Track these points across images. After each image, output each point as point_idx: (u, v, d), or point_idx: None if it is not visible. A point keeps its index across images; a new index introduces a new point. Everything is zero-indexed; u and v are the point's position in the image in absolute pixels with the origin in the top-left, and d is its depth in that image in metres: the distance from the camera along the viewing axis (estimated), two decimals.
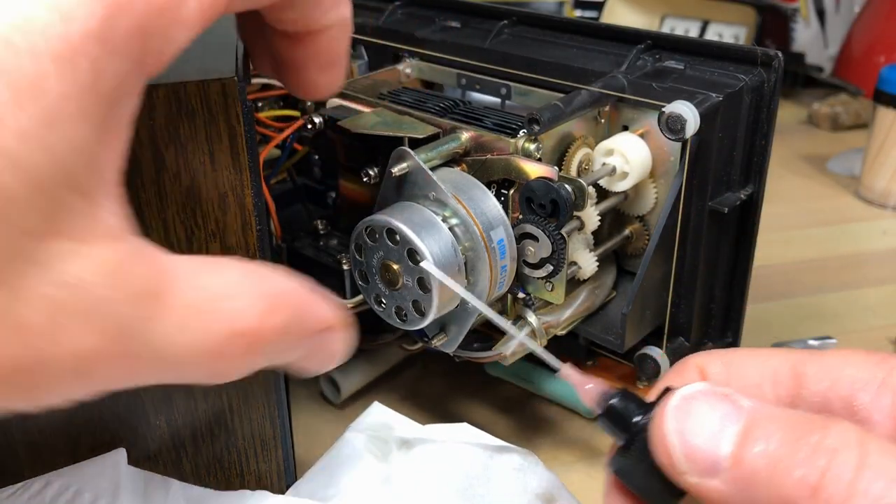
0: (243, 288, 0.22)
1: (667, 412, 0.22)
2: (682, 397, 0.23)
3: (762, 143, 0.37)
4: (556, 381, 0.40)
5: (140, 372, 0.20)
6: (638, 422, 0.24)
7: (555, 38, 0.42)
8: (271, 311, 0.22)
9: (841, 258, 0.64)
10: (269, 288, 0.23)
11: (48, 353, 0.18)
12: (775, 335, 0.52)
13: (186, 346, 0.20)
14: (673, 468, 0.22)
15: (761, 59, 0.36)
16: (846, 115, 0.89)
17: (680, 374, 0.26)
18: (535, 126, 0.33)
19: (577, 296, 0.37)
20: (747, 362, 0.25)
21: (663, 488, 0.23)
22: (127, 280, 0.19)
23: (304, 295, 0.24)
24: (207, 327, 0.21)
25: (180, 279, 0.20)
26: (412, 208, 0.32)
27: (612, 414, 0.25)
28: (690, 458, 0.22)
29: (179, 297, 0.20)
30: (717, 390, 0.23)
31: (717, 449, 0.21)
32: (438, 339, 0.34)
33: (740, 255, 0.39)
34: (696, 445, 0.22)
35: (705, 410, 0.22)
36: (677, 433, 0.22)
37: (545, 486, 0.34)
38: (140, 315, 0.19)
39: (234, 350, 0.21)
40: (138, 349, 0.20)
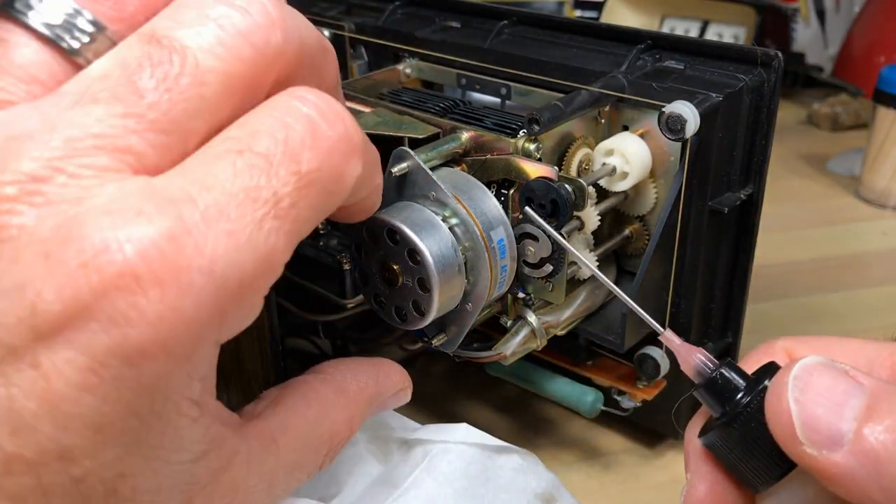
0: (323, 414, 0.26)
1: (788, 381, 0.22)
2: (802, 367, 0.22)
3: (762, 143, 0.37)
4: (557, 381, 0.40)
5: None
6: (743, 395, 0.23)
7: (555, 39, 0.42)
8: (351, 421, 0.27)
9: (841, 258, 0.64)
10: (347, 394, 0.28)
11: None
12: (775, 335, 0.52)
13: (298, 479, 0.26)
14: (791, 439, 0.21)
15: (761, 59, 0.36)
16: (846, 116, 0.89)
17: (767, 355, 0.26)
18: (535, 126, 0.33)
19: (577, 296, 0.37)
20: (839, 350, 0.25)
21: (766, 464, 0.23)
22: (255, 482, 0.23)
23: (381, 373, 0.29)
24: (308, 462, 0.26)
25: (280, 449, 0.25)
26: (412, 208, 0.32)
27: (715, 385, 0.24)
28: (811, 429, 0.21)
29: (284, 463, 0.25)
30: (837, 364, 0.22)
31: (839, 421, 0.21)
32: (438, 339, 0.34)
33: (740, 254, 0.39)
34: (818, 416, 0.21)
35: (827, 382, 0.21)
36: (798, 403, 0.21)
37: (545, 486, 0.34)
38: (266, 495, 0.24)
39: (333, 456, 0.27)
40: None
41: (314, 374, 0.28)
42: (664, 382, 0.39)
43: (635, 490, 0.40)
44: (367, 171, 0.24)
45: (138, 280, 0.18)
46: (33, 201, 0.18)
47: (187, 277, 0.18)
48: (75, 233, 0.18)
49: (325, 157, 0.21)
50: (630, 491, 0.40)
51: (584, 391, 0.39)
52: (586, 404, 0.39)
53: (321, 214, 0.22)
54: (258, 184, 0.20)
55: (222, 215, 0.19)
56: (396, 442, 0.36)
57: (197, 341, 0.19)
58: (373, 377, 0.29)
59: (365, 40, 0.45)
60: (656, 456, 0.42)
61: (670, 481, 0.41)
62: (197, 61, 0.20)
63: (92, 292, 0.18)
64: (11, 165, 0.18)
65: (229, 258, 0.19)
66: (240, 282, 0.19)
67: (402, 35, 0.44)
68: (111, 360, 0.18)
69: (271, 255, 0.20)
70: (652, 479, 0.41)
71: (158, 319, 0.18)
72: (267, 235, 0.20)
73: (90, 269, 0.18)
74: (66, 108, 0.19)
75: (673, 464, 0.42)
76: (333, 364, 0.28)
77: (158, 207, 0.19)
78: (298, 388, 0.26)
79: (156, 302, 0.18)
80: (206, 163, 0.20)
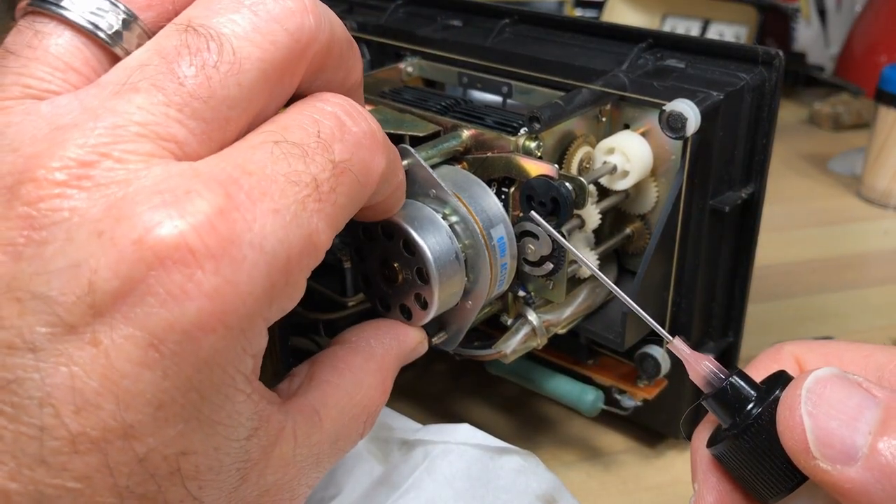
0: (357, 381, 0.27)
1: (801, 393, 0.21)
2: (815, 379, 0.21)
3: (763, 143, 0.37)
4: (557, 380, 0.40)
5: None
6: (754, 406, 0.23)
7: (556, 37, 0.42)
8: (384, 383, 0.28)
9: (842, 258, 0.64)
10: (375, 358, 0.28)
11: None
12: (776, 335, 0.52)
13: (342, 450, 0.27)
14: (804, 453, 0.21)
15: (762, 58, 0.36)
16: (847, 115, 0.88)
17: (775, 361, 0.25)
18: (536, 124, 0.33)
19: (577, 294, 0.37)
20: (848, 356, 0.24)
21: (776, 477, 0.22)
22: (303, 454, 0.24)
23: (400, 333, 0.30)
24: (350, 431, 0.26)
25: (322, 421, 0.25)
26: (412, 206, 0.31)
27: (725, 395, 0.23)
28: (825, 443, 0.21)
29: (328, 434, 0.25)
30: (850, 376, 0.22)
31: (853, 435, 0.20)
32: (439, 337, 0.34)
33: (741, 254, 0.39)
34: (831, 430, 0.21)
35: (840, 395, 0.21)
36: (811, 416, 0.21)
37: (545, 487, 0.34)
38: (314, 467, 0.25)
39: (372, 421, 0.27)
40: (316, 482, 0.26)
41: (340, 345, 0.28)
42: (665, 381, 0.39)
43: (636, 490, 0.40)
44: (391, 167, 0.25)
45: (193, 253, 0.18)
46: (82, 185, 0.19)
47: (239, 252, 0.19)
48: (127, 211, 0.18)
49: (353, 150, 0.23)
50: (631, 491, 0.40)
51: (585, 390, 0.39)
52: (586, 403, 0.39)
53: (355, 205, 0.23)
54: (297, 169, 0.21)
55: (266, 195, 0.20)
56: (397, 442, 0.35)
57: (251, 316, 0.20)
58: (394, 337, 0.29)
59: (367, 39, 0.45)
60: (657, 456, 0.42)
61: (671, 481, 0.41)
62: (233, 48, 0.21)
63: (148, 267, 0.18)
64: (58, 153, 0.19)
65: (277, 235, 0.20)
66: (287, 258, 0.20)
67: (404, 34, 0.44)
68: (170, 335, 0.18)
69: (315, 236, 0.21)
70: (653, 479, 0.41)
71: (215, 292, 0.19)
72: (310, 216, 0.21)
73: (144, 244, 0.18)
74: (107, 98, 0.20)
75: (674, 464, 0.42)
76: (355, 331, 0.29)
77: (206, 185, 0.19)
78: (328, 360, 0.27)
79: (211, 274, 0.18)
80: (245, 151, 0.21)
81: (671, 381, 0.39)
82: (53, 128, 0.19)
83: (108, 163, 0.19)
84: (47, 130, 0.19)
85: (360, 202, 0.24)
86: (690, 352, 0.25)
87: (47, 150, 0.19)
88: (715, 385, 0.24)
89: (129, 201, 0.18)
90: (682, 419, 0.28)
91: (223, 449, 0.21)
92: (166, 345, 0.18)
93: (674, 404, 0.40)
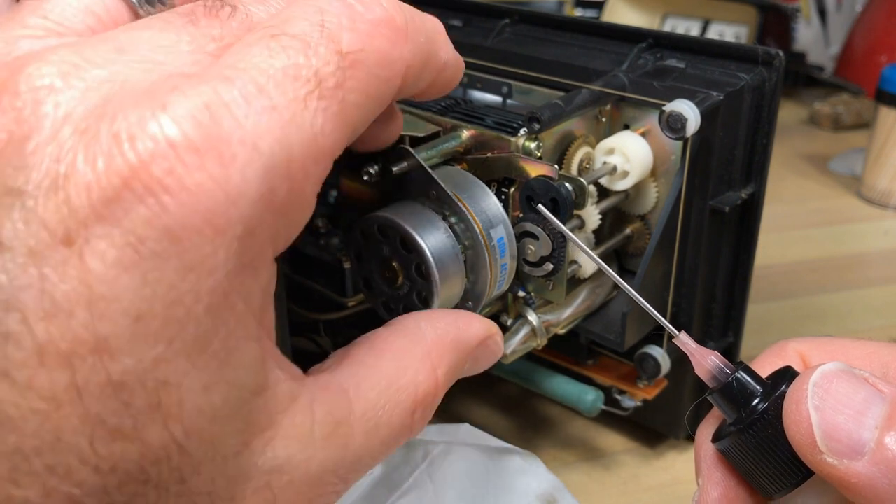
0: (400, 365, 0.24)
1: (808, 388, 0.21)
2: (822, 374, 0.21)
3: (763, 143, 0.37)
4: (557, 380, 0.40)
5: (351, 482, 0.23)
6: (760, 401, 0.23)
7: (556, 37, 0.41)
8: (435, 371, 0.24)
9: (842, 258, 0.63)
10: (425, 342, 0.25)
11: None
12: (777, 335, 0.52)
13: (384, 442, 0.23)
14: (810, 448, 0.21)
15: (762, 58, 0.36)
16: (847, 115, 0.88)
17: (780, 357, 0.25)
18: (536, 124, 0.33)
19: (577, 295, 0.37)
20: (853, 353, 0.24)
21: (782, 472, 0.22)
22: (324, 434, 0.21)
23: (460, 321, 0.26)
24: (392, 419, 0.23)
25: (353, 401, 0.22)
26: (412, 206, 0.31)
27: (731, 390, 0.23)
28: (831, 437, 0.20)
29: (361, 418, 0.22)
30: (856, 371, 0.22)
31: (860, 430, 0.20)
32: None
33: (741, 254, 0.39)
34: (838, 424, 0.20)
35: (847, 390, 0.21)
36: (818, 410, 0.21)
37: (546, 487, 0.34)
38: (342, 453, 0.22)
39: (423, 413, 0.24)
40: (352, 475, 0.22)
41: (385, 328, 0.25)
42: (665, 382, 0.39)
43: (636, 491, 0.40)
44: (421, 52, 0.22)
45: (174, 147, 0.17)
46: (72, 84, 0.18)
47: (228, 148, 0.17)
48: (111, 109, 0.17)
49: (366, 40, 0.21)
50: (631, 492, 0.40)
51: (585, 390, 0.39)
52: (586, 403, 0.39)
53: (374, 101, 0.21)
54: (297, 62, 0.19)
55: (262, 92, 0.18)
56: None
57: (248, 223, 0.18)
58: (451, 323, 0.26)
59: None
60: (657, 456, 0.42)
61: (671, 482, 0.41)
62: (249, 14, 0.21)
63: (126, 162, 0.17)
64: (50, 57, 0.18)
65: (273, 134, 0.18)
66: (288, 161, 0.19)
67: None
68: (150, 233, 0.17)
69: (319, 138, 0.19)
70: (653, 479, 0.41)
71: (198, 187, 0.17)
72: (313, 115, 0.19)
73: (123, 138, 0.17)
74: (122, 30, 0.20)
75: (674, 464, 0.42)
76: (406, 315, 0.26)
77: (194, 83, 0.18)
78: (367, 341, 0.24)
79: (195, 169, 0.17)
80: (240, 49, 0.19)
81: (671, 382, 0.39)
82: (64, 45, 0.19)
83: None
84: (62, 52, 0.19)
85: (383, 99, 0.21)
86: (696, 346, 0.25)
87: (40, 52, 0.18)
88: (721, 380, 0.24)
89: (116, 99, 0.18)
90: (685, 415, 0.28)
91: (215, 391, 0.18)
92: (146, 244, 0.17)
93: (674, 405, 0.40)
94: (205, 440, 0.18)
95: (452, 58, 0.25)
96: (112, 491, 0.17)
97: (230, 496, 0.19)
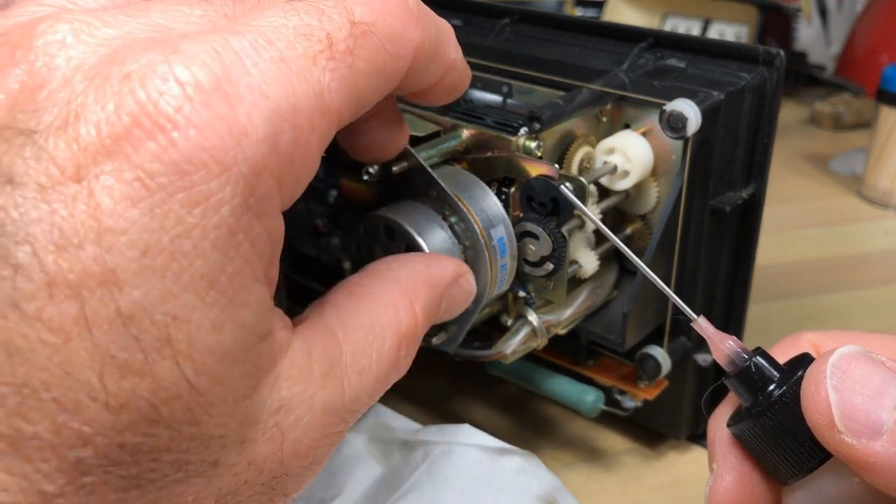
0: (380, 305, 0.24)
1: (826, 369, 0.21)
2: (840, 356, 0.22)
3: (764, 143, 0.36)
4: (557, 381, 0.40)
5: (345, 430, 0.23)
6: (777, 385, 0.23)
7: (556, 37, 0.41)
8: (413, 307, 0.25)
9: (843, 258, 0.63)
10: (400, 282, 0.25)
11: None
12: (777, 335, 0.51)
13: (377, 379, 0.24)
14: (829, 428, 0.21)
15: (763, 57, 0.36)
16: (848, 115, 0.88)
17: (794, 349, 0.25)
18: (536, 124, 0.33)
19: (578, 295, 0.37)
20: (867, 344, 0.24)
21: (798, 455, 0.22)
22: (322, 373, 0.22)
23: (430, 260, 0.27)
24: (381, 357, 0.24)
25: (342, 343, 0.23)
26: (412, 206, 0.31)
27: (748, 374, 0.24)
28: (850, 417, 0.21)
29: (352, 358, 0.23)
30: (873, 355, 0.22)
31: (878, 410, 0.21)
32: (439, 338, 0.34)
33: (742, 254, 0.39)
34: (856, 404, 0.21)
35: (865, 371, 0.21)
36: (836, 391, 0.21)
37: (546, 488, 0.34)
38: (340, 391, 0.22)
39: (407, 350, 0.25)
40: (351, 416, 0.23)
41: (359, 274, 0.26)
42: (665, 382, 0.39)
43: (636, 491, 0.40)
44: (430, 42, 0.23)
45: (182, 85, 0.18)
46: (83, 39, 0.18)
47: (235, 91, 0.18)
48: (122, 56, 0.18)
49: (378, 15, 0.21)
50: (631, 492, 0.40)
51: (585, 390, 0.39)
52: (587, 404, 0.39)
53: (382, 76, 0.22)
54: (309, 23, 0.20)
55: (271, 45, 0.19)
56: (397, 443, 0.35)
57: (253, 164, 0.18)
58: (422, 262, 0.27)
59: None
60: (657, 457, 0.42)
61: (672, 482, 0.40)
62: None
63: (136, 100, 0.17)
64: (64, 16, 0.19)
65: (280, 82, 0.19)
66: (294, 110, 0.19)
67: None
68: (157, 167, 0.17)
69: (326, 95, 0.20)
70: (653, 479, 0.41)
71: (204, 124, 0.18)
72: (321, 72, 0.20)
73: (134, 78, 0.18)
74: None
75: (675, 465, 0.42)
76: (377, 261, 0.27)
77: (205, 35, 0.19)
78: (343, 289, 0.25)
79: (201, 106, 0.18)
80: (253, 11, 0.20)
81: (672, 382, 0.39)
82: None
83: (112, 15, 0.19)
84: None
85: (391, 76, 0.22)
86: (714, 331, 0.25)
87: (54, 14, 0.19)
88: (738, 364, 0.24)
89: (127, 47, 0.18)
90: (703, 399, 0.28)
91: (224, 330, 0.18)
92: (154, 179, 0.17)
93: (674, 405, 0.40)
94: (216, 381, 0.18)
95: (461, 61, 0.26)
96: (123, 430, 0.17)
97: (241, 439, 0.19)
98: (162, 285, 0.17)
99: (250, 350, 0.19)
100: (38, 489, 0.17)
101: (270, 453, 0.20)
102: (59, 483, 0.17)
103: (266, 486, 0.21)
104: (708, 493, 0.25)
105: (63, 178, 0.17)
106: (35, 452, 0.17)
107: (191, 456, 0.18)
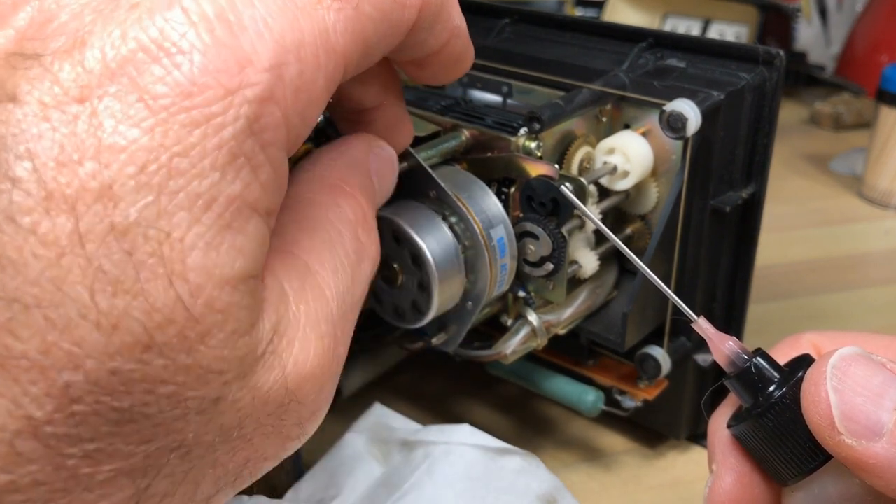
0: (321, 209, 0.24)
1: (826, 370, 0.21)
2: (840, 357, 0.22)
3: (764, 143, 0.36)
4: (557, 381, 0.40)
5: None
6: (777, 385, 0.23)
7: (556, 37, 0.41)
8: (348, 192, 0.25)
9: (843, 258, 0.63)
10: (324, 178, 0.25)
11: None
12: (777, 335, 0.51)
13: (352, 280, 0.24)
14: (829, 429, 0.21)
15: (763, 57, 0.36)
16: (848, 115, 0.88)
17: (794, 349, 0.25)
18: (536, 124, 0.33)
19: (577, 295, 0.37)
20: (867, 345, 0.24)
21: (798, 457, 0.22)
22: (303, 297, 0.21)
23: (339, 146, 0.26)
24: (348, 252, 0.24)
25: (307, 260, 0.23)
26: (412, 206, 0.31)
27: (748, 375, 0.24)
28: (850, 418, 0.21)
29: (331, 273, 0.23)
30: (873, 356, 0.22)
31: (878, 411, 0.21)
32: (439, 338, 0.34)
33: (742, 254, 0.39)
34: (856, 405, 0.21)
35: (865, 373, 0.21)
36: (837, 392, 0.21)
37: (546, 487, 0.34)
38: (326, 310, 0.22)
39: (366, 232, 0.25)
40: (341, 324, 0.23)
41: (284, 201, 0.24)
42: (665, 382, 0.39)
43: (636, 491, 0.40)
44: (433, 4, 0.23)
45: (188, 13, 0.18)
46: None
47: (239, 20, 0.18)
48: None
49: None
50: (631, 492, 0.40)
51: (585, 390, 0.39)
52: (587, 404, 0.39)
53: (387, 24, 0.22)
54: None
55: None
56: (397, 443, 0.35)
57: (257, 88, 0.18)
58: (333, 150, 0.26)
59: None
60: (657, 457, 0.42)
61: (672, 482, 0.40)
62: None
63: (142, 28, 0.18)
64: None
65: (285, 17, 0.19)
66: (299, 44, 0.19)
67: None
68: (161, 89, 0.17)
69: (331, 34, 0.20)
70: (653, 479, 0.41)
71: (207, 48, 0.18)
72: (326, 11, 0.20)
73: (141, 8, 0.18)
74: None
75: (674, 465, 0.42)
76: (292, 174, 0.24)
77: None
78: (286, 219, 0.23)
79: (205, 32, 0.18)
80: None
81: (672, 382, 0.39)
82: None
83: None
84: None
85: (396, 25, 0.22)
86: (715, 331, 0.25)
87: None
88: (738, 365, 0.24)
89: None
90: (702, 400, 0.28)
91: (222, 252, 0.18)
92: (158, 100, 0.17)
93: (674, 405, 0.40)
94: (213, 307, 0.18)
95: (465, 30, 0.26)
96: (114, 354, 0.17)
97: (242, 373, 0.19)
98: (157, 202, 0.17)
99: (248, 281, 0.19)
100: (25, 413, 0.16)
101: (274, 381, 0.20)
102: (48, 409, 0.16)
103: (273, 416, 0.20)
104: (707, 493, 0.25)
105: (66, 99, 0.17)
106: (23, 373, 0.16)
107: (188, 391, 0.18)
